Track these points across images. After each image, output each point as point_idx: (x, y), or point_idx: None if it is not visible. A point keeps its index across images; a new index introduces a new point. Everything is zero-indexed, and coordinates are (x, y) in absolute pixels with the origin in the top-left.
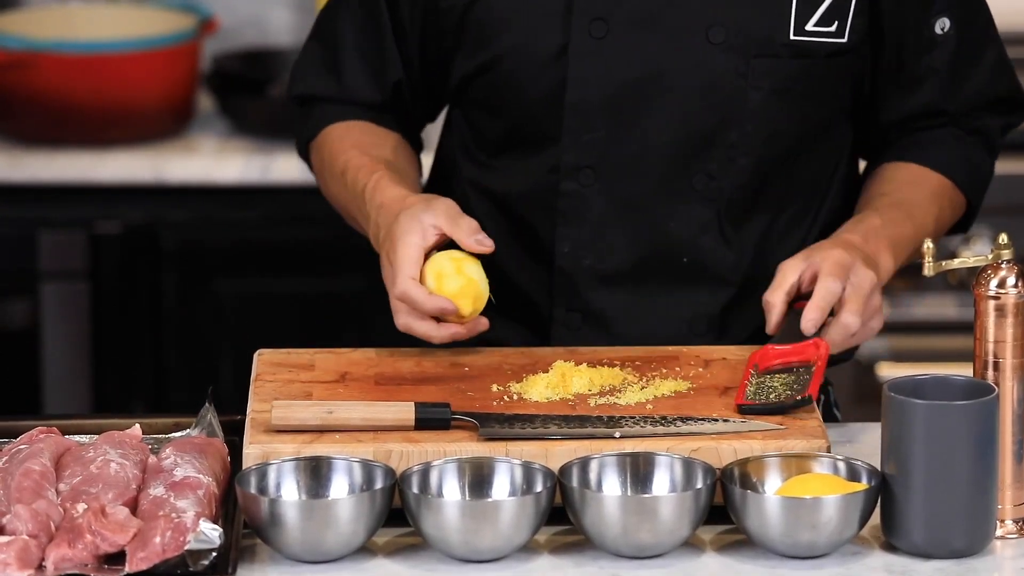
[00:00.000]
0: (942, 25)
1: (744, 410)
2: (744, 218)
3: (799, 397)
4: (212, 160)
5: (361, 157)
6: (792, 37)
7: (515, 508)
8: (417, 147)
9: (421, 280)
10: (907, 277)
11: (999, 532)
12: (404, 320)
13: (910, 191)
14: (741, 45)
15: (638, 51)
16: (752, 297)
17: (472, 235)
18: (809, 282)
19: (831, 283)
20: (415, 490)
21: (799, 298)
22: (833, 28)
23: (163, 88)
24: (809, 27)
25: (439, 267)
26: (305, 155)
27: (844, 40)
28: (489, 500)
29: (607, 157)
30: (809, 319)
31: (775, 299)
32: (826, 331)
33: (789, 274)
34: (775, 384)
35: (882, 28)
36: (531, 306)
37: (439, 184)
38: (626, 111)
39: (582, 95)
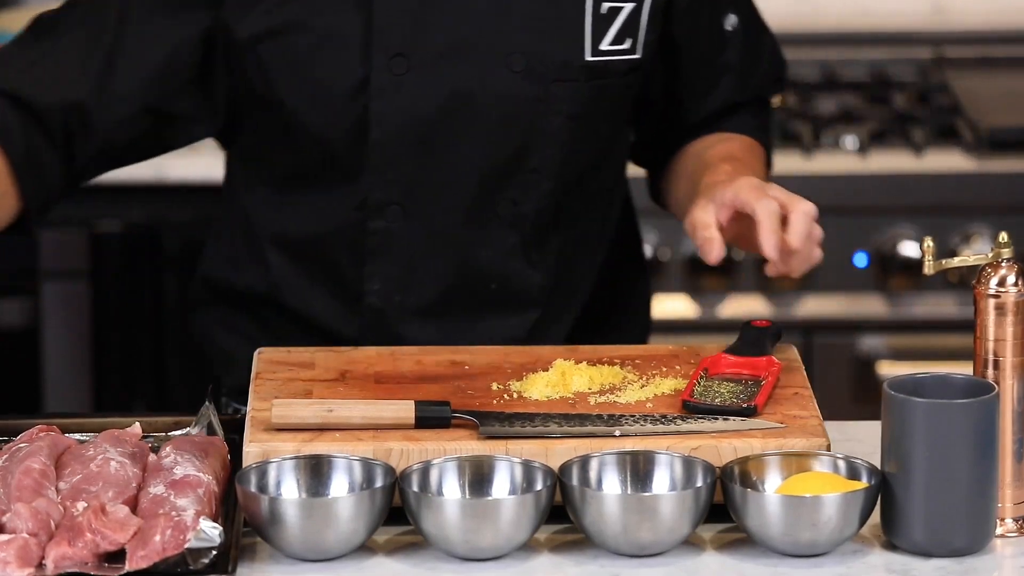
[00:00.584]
0: (731, 23)
1: (688, 407)
2: (545, 239)
3: (744, 405)
4: (213, 159)
5: None
6: (588, 59)
7: (515, 507)
8: (52, 181)
9: None
10: (907, 275)
11: (999, 531)
12: None
13: (728, 146)
14: (540, 71)
15: (440, 84)
16: (557, 316)
17: None
18: (728, 220)
19: (766, 203)
20: (415, 488)
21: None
22: (627, 45)
23: None
24: (604, 47)
25: None
26: None
27: (638, 56)
28: (489, 498)
29: (414, 192)
30: (770, 245)
31: (708, 221)
32: (791, 233)
33: (706, 214)
34: (721, 390)
35: (673, 36)
36: (338, 343)
37: (227, 232)
38: (431, 145)
39: (386, 132)
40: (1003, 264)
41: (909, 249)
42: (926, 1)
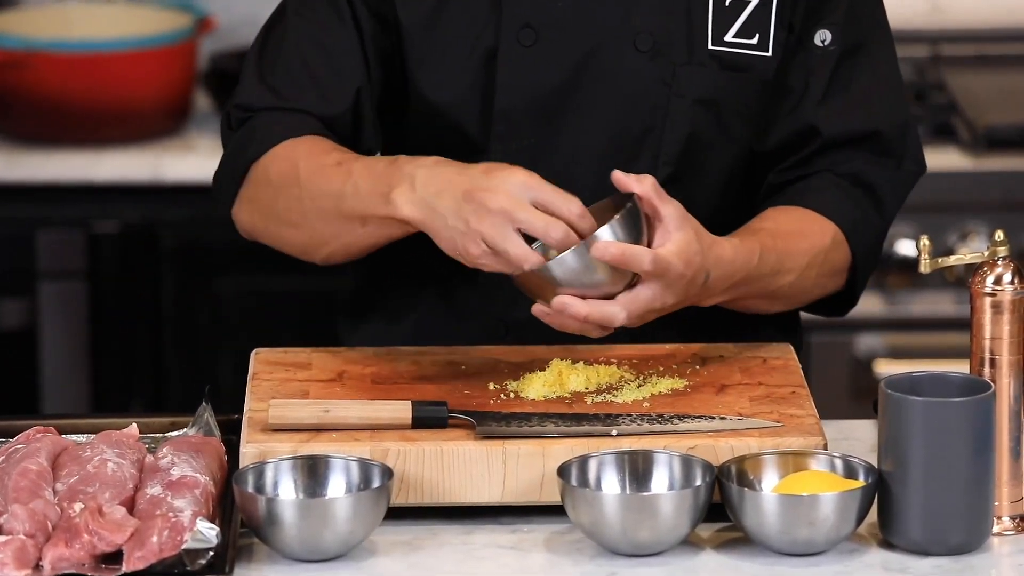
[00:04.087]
0: (823, 38)
1: None
2: None
3: None
4: (210, 159)
5: (357, 156)
6: (710, 47)
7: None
8: None
9: None
10: (904, 274)
11: (996, 529)
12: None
13: (785, 239)
14: (666, 54)
15: (565, 57)
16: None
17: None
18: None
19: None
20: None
21: None
22: (755, 40)
23: (160, 87)
24: (728, 38)
25: None
26: (242, 169)
27: (769, 54)
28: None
29: (537, 166)
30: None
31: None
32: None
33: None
34: None
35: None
36: (484, 320)
37: None
38: (555, 118)
39: (511, 102)
40: (999, 262)
41: (906, 247)
42: None
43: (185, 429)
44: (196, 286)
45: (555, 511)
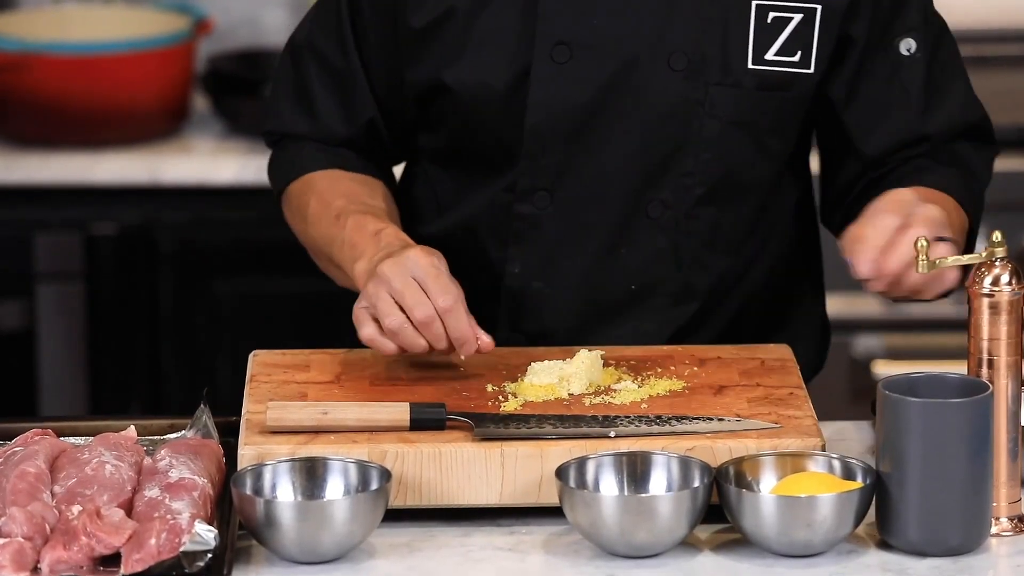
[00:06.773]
0: (908, 46)
1: None
2: (700, 253)
3: None
4: (208, 161)
5: (358, 207)
6: (751, 66)
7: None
8: (392, 186)
9: None
10: None
11: (994, 529)
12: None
13: (926, 194)
14: (701, 73)
15: (598, 75)
16: (699, 323)
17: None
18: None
19: (882, 218)
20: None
21: None
22: (796, 58)
23: (158, 89)
24: (769, 56)
25: None
26: (279, 189)
27: (811, 71)
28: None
29: (564, 180)
30: (861, 261)
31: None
32: (890, 255)
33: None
34: None
35: (842, 57)
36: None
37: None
38: (585, 135)
39: (542, 118)
40: (997, 263)
41: None
42: None
43: (183, 431)
44: (194, 288)
45: (553, 513)
